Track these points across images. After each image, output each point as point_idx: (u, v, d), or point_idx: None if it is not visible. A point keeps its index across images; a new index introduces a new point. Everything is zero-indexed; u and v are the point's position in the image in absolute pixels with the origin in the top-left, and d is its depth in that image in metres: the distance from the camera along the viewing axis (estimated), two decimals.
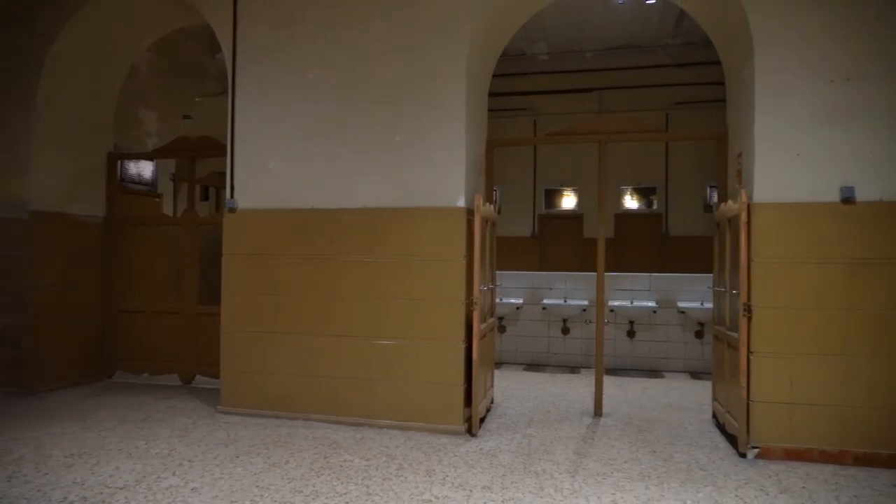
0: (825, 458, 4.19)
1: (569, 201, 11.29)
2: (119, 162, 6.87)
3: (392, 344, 4.95)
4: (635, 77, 10.28)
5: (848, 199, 4.20)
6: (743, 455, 4.29)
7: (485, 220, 4.96)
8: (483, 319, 4.98)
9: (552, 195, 11.37)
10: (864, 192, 4.20)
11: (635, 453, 4.36)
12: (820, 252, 4.25)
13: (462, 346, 4.82)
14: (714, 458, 4.29)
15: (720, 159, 5.22)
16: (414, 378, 4.90)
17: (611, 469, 4.03)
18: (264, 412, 5.17)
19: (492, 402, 5.62)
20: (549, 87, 10.71)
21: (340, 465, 4.05)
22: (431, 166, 4.91)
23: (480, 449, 4.42)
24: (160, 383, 6.41)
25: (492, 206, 5.37)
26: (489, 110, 5.81)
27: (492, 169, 5.64)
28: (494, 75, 5.80)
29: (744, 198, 4.32)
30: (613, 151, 5.55)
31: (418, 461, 4.15)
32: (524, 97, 10.81)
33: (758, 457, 4.27)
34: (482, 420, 5.03)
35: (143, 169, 7.93)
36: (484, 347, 5.00)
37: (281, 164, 5.25)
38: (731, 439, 4.53)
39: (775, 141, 4.33)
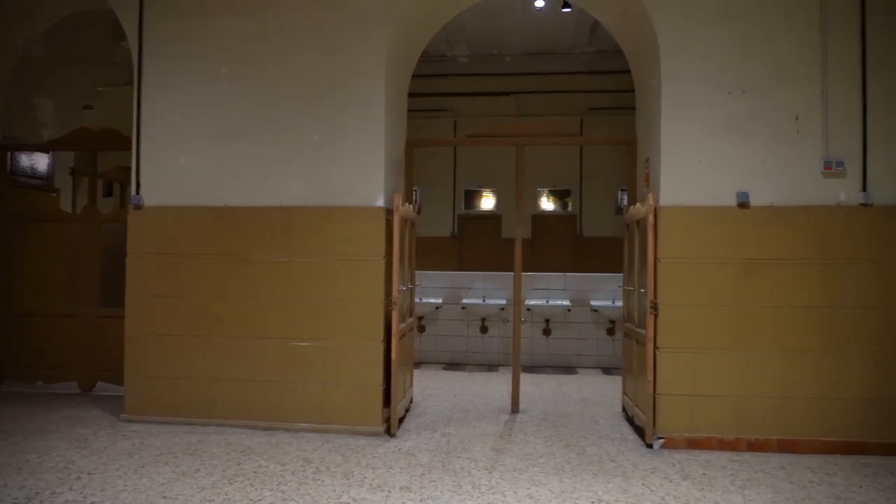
0: (722, 445, 4.47)
1: (488, 202, 11.46)
2: (9, 153, 6.36)
3: (309, 345, 4.85)
4: (552, 82, 10.59)
5: (743, 203, 4.51)
6: (650, 446, 4.51)
7: (404, 220, 4.95)
8: (402, 319, 4.97)
9: (471, 196, 11.50)
10: (758, 197, 4.52)
11: (550, 448, 4.49)
12: (719, 253, 4.53)
13: (381, 347, 4.79)
14: (623, 449, 4.49)
15: (630, 164, 5.47)
16: (332, 379, 4.82)
17: (527, 464, 4.13)
18: (173, 419, 4.93)
19: (411, 402, 5.63)
20: (469, 89, 10.84)
21: (254, 472, 3.92)
22: (350, 165, 4.86)
23: (399, 449, 4.41)
24: (57, 392, 5.98)
25: (411, 206, 5.37)
26: (410, 110, 5.81)
27: (411, 169, 5.64)
28: (415, 76, 5.81)
29: (651, 201, 4.55)
30: (530, 154, 5.69)
31: (336, 464, 4.09)
32: (445, 98, 10.89)
33: (663, 447, 4.50)
34: (401, 420, 5.02)
35: (38, 161, 7.35)
36: (403, 347, 5.00)
37: (192, 159, 5.02)
38: (640, 431, 4.75)
39: (679, 148, 4.58)
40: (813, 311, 4.47)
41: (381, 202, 4.82)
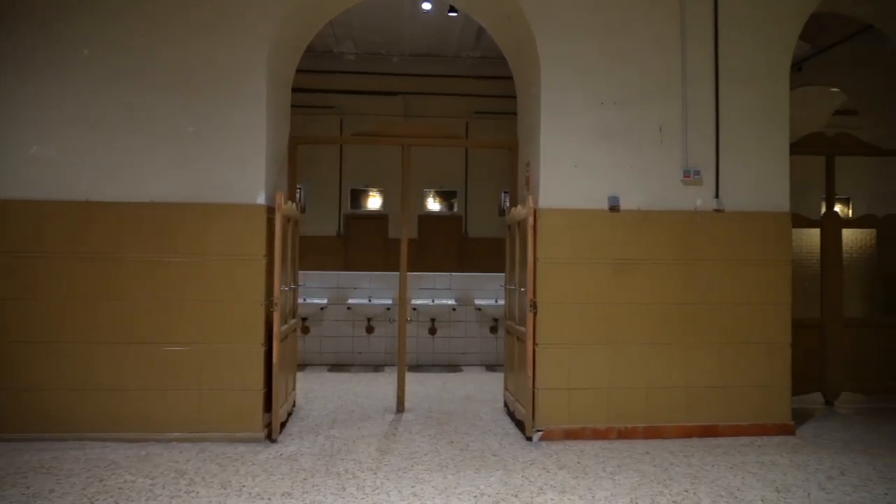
0: (596, 434, 4.75)
1: (374, 202, 11.42)
2: None
3: (184, 350, 4.58)
4: (439, 85, 10.74)
5: (614, 207, 4.81)
6: (529, 439, 4.69)
7: (287, 219, 4.81)
8: (284, 321, 4.83)
9: (358, 195, 11.41)
10: (627, 202, 4.84)
11: (435, 445, 4.55)
12: (593, 253, 4.81)
13: (261, 349, 4.62)
14: (505, 443, 4.64)
15: (512, 167, 5.66)
16: (208, 385, 4.58)
17: (412, 462, 4.16)
18: (22, 436, 4.44)
19: (294, 406, 5.48)
20: (356, 88, 10.73)
21: (120, 488, 3.64)
22: (229, 160, 4.64)
23: (281, 454, 4.28)
24: None
25: (294, 205, 5.23)
26: (294, 106, 5.66)
27: (295, 166, 5.49)
28: (301, 70, 5.66)
29: (531, 203, 4.74)
30: (417, 155, 5.73)
31: (212, 474, 3.89)
32: (331, 95, 10.71)
33: (542, 439, 4.70)
34: (283, 424, 4.87)
35: None
36: (285, 349, 4.86)
37: (48, 149, 4.57)
38: (520, 425, 4.93)
39: (558, 153, 4.81)
40: (675, 307, 4.86)
41: (262, 199, 4.65)
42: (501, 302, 7.54)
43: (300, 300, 7.17)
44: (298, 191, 6.00)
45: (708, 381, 4.86)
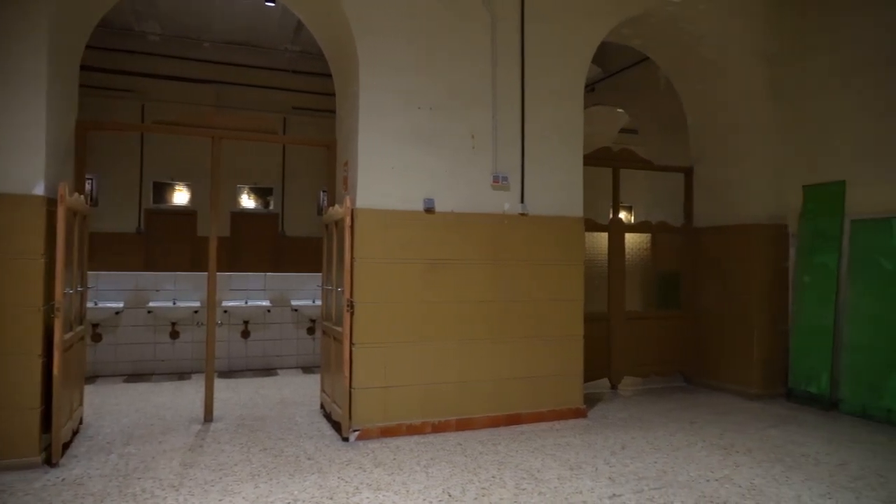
0: (411, 430, 4.86)
1: (181, 196, 10.59)
2: None
3: None
4: (255, 76, 10.26)
5: (429, 209, 4.97)
6: (346, 439, 4.67)
7: (72, 213, 4.27)
8: (69, 328, 4.28)
9: (162, 189, 10.49)
10: (442, 204, 5.02)
11: (246, 454, 4.33)
12: (409, 253, 4.92)
13: (39, 361, 4.04)
14: (321, 445, 4.56)
15: (330, 166, 5.59)
16: None
17: (220, 474, 3.91)
18: None
19: (81, 423, 4.88)
20: (160, 72, 9.86)
21: None
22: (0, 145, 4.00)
23: (63, 479, 3.78)
24: None
25: (83, 197, 4.65)
26: (84, 86, 5.04)
27: (84, 154, 4.89)
28: (94, 47, 5.05)
29: (348, 203, 4.72)
30: (230, 149, 5.43)
31: None
32: (130, 78, 9.73)
33: (359, 439, 4.70)
34: (67, 445, 4.31)
35: None
36: (70, 360, 4.30)
37: None
38: (337, 426, 4.89)
39: (375, 154, 4.85)
40: (484, 304, 5.15)
41: (40, 190, 4.06)
42: (319, 302, 7.42)
43: (90, 304, 6.43)
44: (89, 182, 5.36)
45: (513, 373, 5.23)
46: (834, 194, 6.00)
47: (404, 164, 4.92)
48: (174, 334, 7.18)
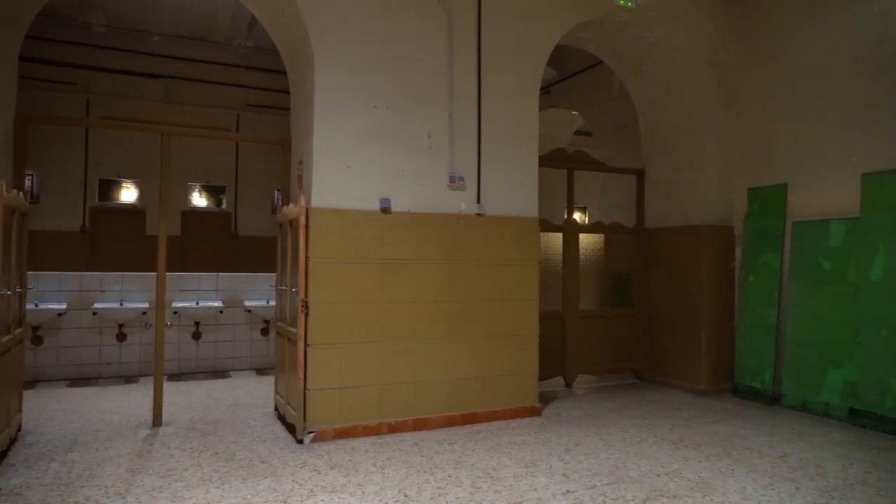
0: (367, 431, 4.83)
1: (129, 194, 10.25)
2: None
3: None
4: (207, 72, 10.02)
5: (386, 208, 4.94)
6: (301, 441, 4.60)
7: (10, 210, 4.08)
8: (6, 331, 4.09)
9: (108, 186, 10.13)
10: (399, 204, 5.01)
11: (197, 459, 4.22)
12: (365, 253, 4.88)
13: None
14: (275, 448, 4.49)
15: (284, 165, 5.51)
16: None
17: (168, 480, 3.80)
18: None
19: (19, 430, 4.67)
20: (107, 65, 9.52)
21: None
22: None
23: None
24: None
25: (22, 194, 4.46)
26: (25, 78, 4.83)
27: (23, 149, 4.68)
28: (36, 38, 4.84)
29: (303, 202, 4.66)
30: (181, 146, 5.29)
31: None
32: (75, 70, 9.36)
33: (313, 441, 4.64)
34: (4, 454, 4.12)
35: None
36: (5, 365, 4.12)
37: None
38: (291, 428, 4.81)
39: (331, 153, 4.79)
40: (441, 304, 5.16)
41: None
42: (273, 303, 7.30)
43: (30, 306, 6.17)
44: (29, 178, 5.14)
45: (469, 372, 5.25)
46: (777, 197, 6.24)
47: (360, 163, 4.88)
48: (121, 336, 6.94)
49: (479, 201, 5.30)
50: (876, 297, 5.23)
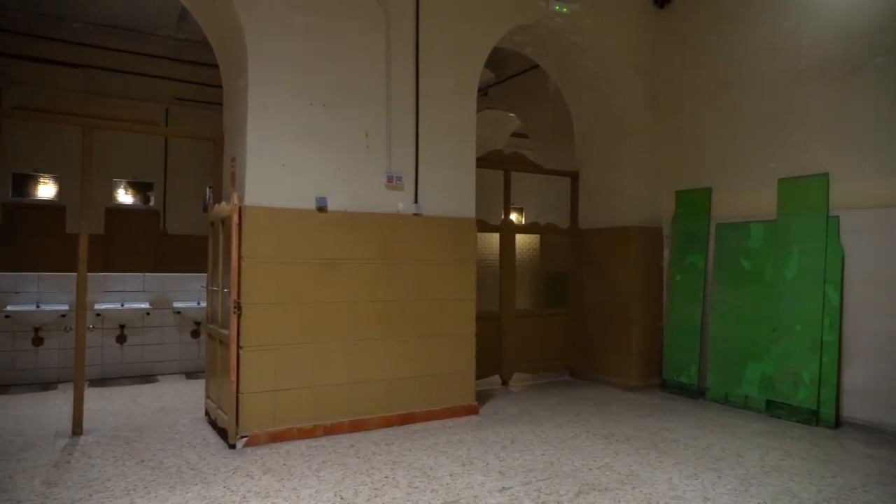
0: (302, 434, 4.75)
1: (47, 190, 9.67)
2: None
3: None
4: (134, 63, 9.57)
5: (322, 207, 4.87)
6: (233, 446, 4.48)
7: None
8: None
9: (23, 181, 9.51)
10: (335, 203, 4.94)
11: (121, 468, 4.04)
12: (300, 253, 4.80)
13: None
14: (205, 454, 4.34)
15: (217, 161, 5.34)
16: None
17: (89, 492, 3.62)
18: None
19: None
20: (21, 51, 8.94)
21: None
22: None
23: None
24: None
25: None
26: None
27: None
28: None
29: (236, 200, 4.53)
30: (105, 140, 5.03)
31: None
32: None
33: (246, 445, 4.52)
34: None
35: None
36: None
37: None
38: (223, 433, 4.67)
39: (265, 150, 4.68)
40: (378, 304, 5.12)
41: None
42: (204, 304, 7.07)
43: None
44: None
45: (406, 372, 5.24)
46: (702, 199, 6.53)
47: (296, 161, 4.79)
48: (37, 341, 6.55)
49: (416, 201, 5.30)
50: (790, 295, 5.56)
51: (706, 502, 3.60)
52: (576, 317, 7.35)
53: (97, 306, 6.67)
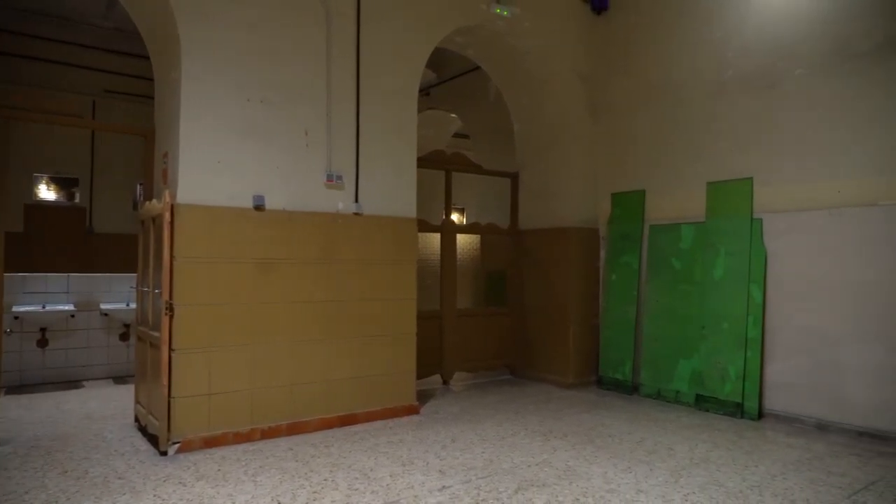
0: (238, 438, 4.62)
1: None
2: None
3: None
4: (57, 51, 9.07)
5: (259, 206, 4.76)
6: (164, 453, 4.31)
7: None
8: None
9: None
10: (273, 201, 4.84)
11: (41, 479, 3.82)
12: (237, 252, 4.67)
13: None
14: (134, 462, 4.17)
15: (147, 157, 5.14)
16: None
17: None
18: None
19: None
20: None
21: None
22: None
23: None
24: None
25: None
26: None
27: None
28: None
29: (168, 198, 4.37)
30: (24, 132, 4.74)
31: None
32: None
33: (178, 452, 4.36)
34: None
35: None
36: None
37: None
38: (153, 439, 4.50)
39: (199, 146, 4.53)
40: (317, 305, 5.05)
41: None
42: (133, 305, 6.78)
43: None
44: None
45: (346, 373, 5.19)
46: (636, 202, 6.75)
47: (232, 158, 4.66)
48: None
49: (356, 200, 5.26)
50: (718, 294, 5.81)
51: (639, 494, 3.72)
52: (516, 316, 7.46)
53: (15, 308, 6.29)
